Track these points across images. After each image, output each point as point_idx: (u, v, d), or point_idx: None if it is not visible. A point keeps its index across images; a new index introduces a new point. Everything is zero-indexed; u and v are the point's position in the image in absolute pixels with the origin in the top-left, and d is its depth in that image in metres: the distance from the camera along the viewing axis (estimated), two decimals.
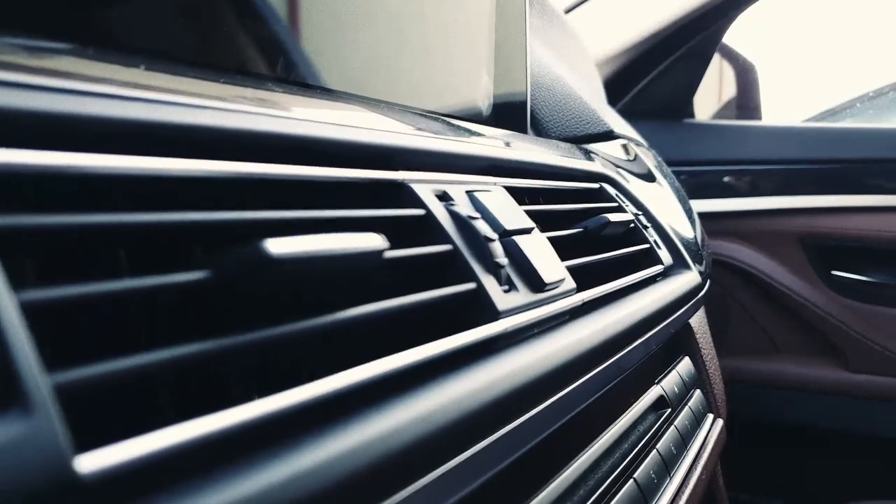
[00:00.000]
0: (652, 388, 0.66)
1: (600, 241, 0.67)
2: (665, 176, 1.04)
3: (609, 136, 0.93)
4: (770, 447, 1.80)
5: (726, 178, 1.78)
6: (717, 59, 2.03)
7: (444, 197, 0.47)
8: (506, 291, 0.44)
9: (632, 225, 0.72)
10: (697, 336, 0.83)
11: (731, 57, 2.02)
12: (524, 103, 0.82)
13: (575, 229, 0.61)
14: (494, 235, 0.45)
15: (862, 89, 1.98)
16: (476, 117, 0.77)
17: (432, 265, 0.42)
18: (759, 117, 2.06)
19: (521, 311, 0.45)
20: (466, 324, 0.41)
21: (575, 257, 0.59)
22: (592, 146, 0.89)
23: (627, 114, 1.80)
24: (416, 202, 0.44)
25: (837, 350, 1.71)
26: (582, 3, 1.73)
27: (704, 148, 1.80)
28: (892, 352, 1.66)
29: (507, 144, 0.64)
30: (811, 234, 1.72)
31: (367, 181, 0.42)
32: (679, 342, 0.79)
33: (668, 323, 0.68)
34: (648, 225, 0.76)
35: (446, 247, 0.43)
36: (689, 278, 0.77)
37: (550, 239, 0.55)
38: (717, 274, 1.78)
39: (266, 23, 0.53)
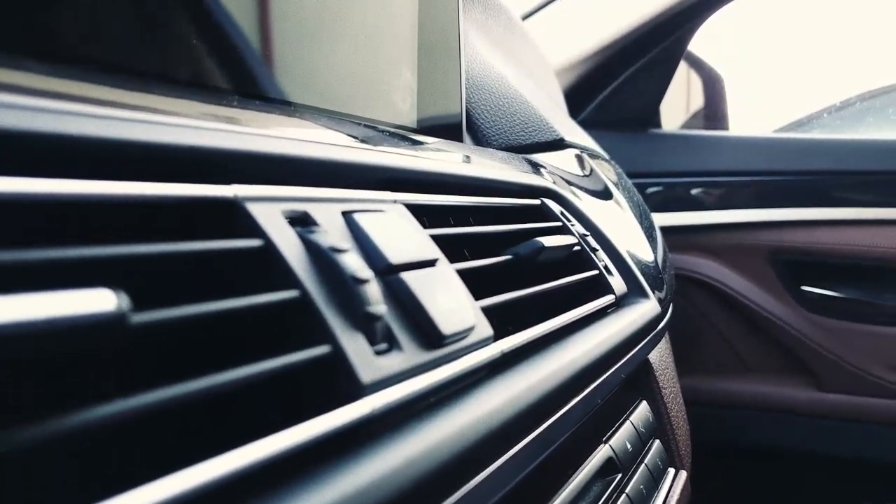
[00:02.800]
0: (599, 448, 0.54)
1: (538, 270, 0.54)
2: (624, 190, 0.91)
3: (559, 144, 0.80)
4: (739, 471, 1.68)
5: (694, 191, 1.67)
6: (684, 68, 1.93)
7: (301, 220, 0.33)
8: (381, 353, 0.31)
9: (577, 248, 0.59)
10: (657, 373, 0.71)
11: (698, 66, 1.92)
12: (458, 107, 0.69)
13: (500, 257, 0.48)
14: (368, 274, 0.32)
15: (829, 101, 1.89)
16: (402, 124, 0.64)
17: (268, 322, 0.29)
18: (725, 128, 1.96)
19: (403, 379, 0.32)
20: (316, 406, 0.28)
21: (502, 292, 0.46)
22: (539, 156, 0.76)
23: (590, 125, 1.68)
24: (251, 229, 0.31)
25: (808, 369, 1.60)
26: (540, 9, 1.61)
27: (671, 159, 1.69)
28: (864, 370, 1.55)
29: (421, 152, 0.51)
30: (780, 248, 1.61)
31: (173, 200, 0.28)
32: (635, 383, 0.67)
33: (620, 366, 0.55)
34: (598, 247, 0.64)
35: (288, 294, 0.29)
36: (647, 308, 0.65)
37: (465, 272, 0.42)
38: (684, 290, 1.66)
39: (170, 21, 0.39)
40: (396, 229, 0.38)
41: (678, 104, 1.92)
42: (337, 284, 0.31)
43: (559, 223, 0.62)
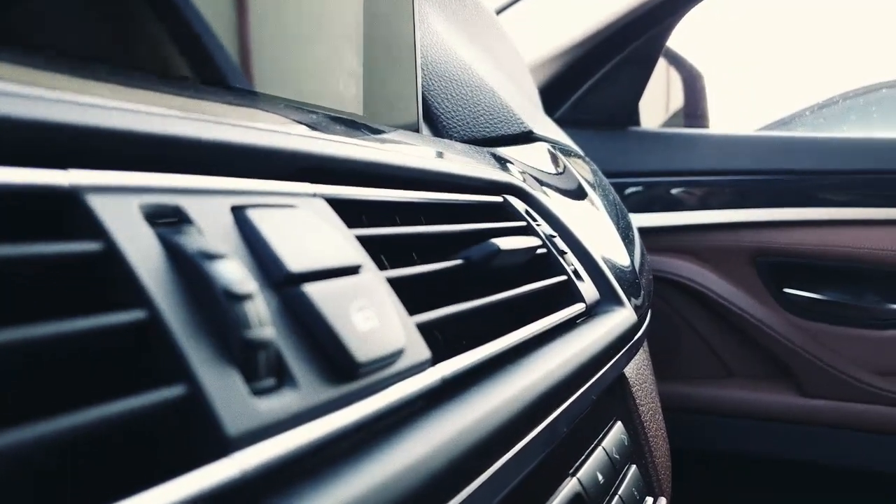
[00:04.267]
0: (565, 483, 0.46)
1: (499, 277, 0.47)
2: (600, 189, 0.84)
3: (528, 138, 0.73)
4: (721, 479, 1.61)
5: (674, 190, 1.60)
6: (663, 65, 1.86)
7: (167, 217, 0.26)
8: (263, 392, 0.24)
9: (541, 251, 0.52)
10: (634, 388, 0.64)
11: (678, 63, 1.85)
12: (412, 94, 0.62)
13: (445, 262, 0.40)
14: (249, 288, 0.24)
15: (812, 99, 1.83)
16: (347, 111, 0.56)
17: (111, 353, 0.21)
18: (706, 127, 1.90)
19: (292, 425, 0.24)
20: (167, 467, 0.20)
21: (450, 304, 0.38)
22: (505, 150, 0.68)
23: (566, 123, 1.61)
24: (90, 228, 0.23)
25: (791, 374, 1.54)
26: (514, 2, 1.54)
27: (651, 158, 1.62)
28: (849, 375, 1.49)
29: (358, 139, 0.44)
30: (763, 249, 1.55)
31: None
32: (608, 401, 0.59)
33: (590, 386, 0.47)
34: (567, 250, 0.56)
35: (132, 315, 0.22)
36: (622, 317, 0.57)
37: (399, 282, 0.34)
38: (664, 293, 1.59)
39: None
40: (308, 230, 0.30)
41: (658, 102, 1.86)
42: (203, 302, 0.23)
43: (523, 223, 0.54)
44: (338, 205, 0.35)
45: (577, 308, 0.53)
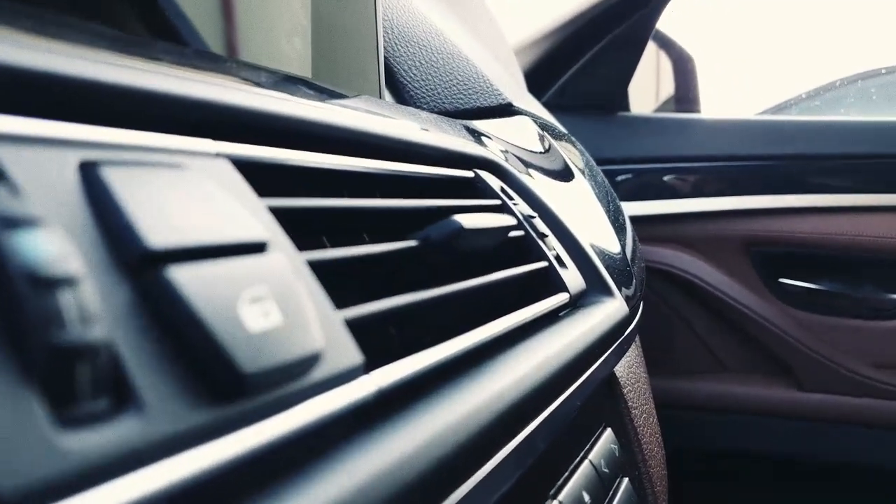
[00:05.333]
0: None
1: (471, 262, 0.39)
2: (588, 169, 0.77)
3: (506, 110, 0.65)
4: (716, 478, 1.55)
5: (665, 178, 1.53)
6: (653, 48, 1.79)
7: None
8: (83, 421, 0.16)
9: (517, 233, 0.44)
10: (626, 389, 0.56)
11: (668, 46, 1.78)
12: (372, 57, 0.54)
13: (394, 244, 0.32)
14: (70, 269, 0.16)
15: (808, 86, 1.76)
16: (293, 73, 0.48)
17: None
18: (697, 111, 1.83)
19: (134, 467, 0.16)
20: None
21: (405, 292, 0.31)
22: (480, 123, 0.61)
23: (553, 108, 1.54)
24: None
25: (788, 368, 1.47)
26: None
27: (641, 144, 1.55)
28: (847, 368, 1.43)
29: (293, 96, 0.36)
30: (757, 238, 1.48)
31: None
32: (596, 405, 0.52)
33: (574, 392, 0.40)
34: (548, 233, 0.49)
35: None
36: (612, 309, 0.50)
37: (330, 265, 0.27)
38: (655, 284, 1.52)
39: None
40: (195, 198, 0.23)
41: (648, 86, 1.78)
42: None
43: (497, 201, 0.47)
44: (250, 169, 0.27)
45: (560, 299, 0.45)
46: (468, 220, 0.35)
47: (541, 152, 0.63)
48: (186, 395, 0.18)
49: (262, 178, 0.28)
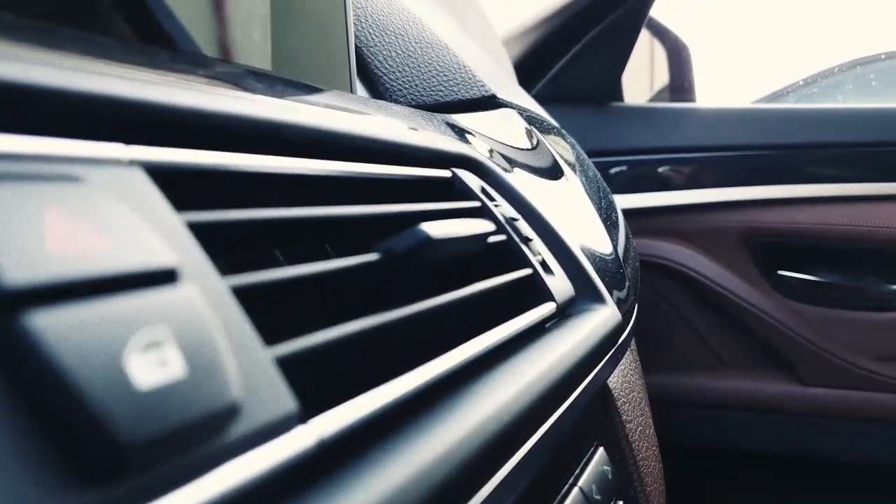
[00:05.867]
0: None
1: (449, 271, 0.35)
2: (578, 164, 0.72)
3: (490, 103, 0.61)
4: (714, 476, 1.51)
5: (660, 169, 1.49)
6: (647, 37, 1.74)
7: None
8: None
9: (499, 238, 0.40)
10: (620, 402, 0.52)
11: (662, 35, 1.73)
12: (342, 47, 0.50)
13: (354, 259, 0.28)
14: None
15: (805, 72, 1.72)
16: (253, 66, 0.44)
17: None
18: (692, 101, 1.78)
19: None
20: None
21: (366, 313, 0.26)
22: (461, 116, 0.57)
23: (544, 99, 1.49)
24: None
25: (788, 362, 1.43)
26: None
27: (635, 135, 1.50)
28: (849, 362, 1.39)
29: (242, 91, 0.32)
30: (755, 229, 1.44)
31: None
32: (588, 422, 0.48)
33: (563, 415, 0.36)
34: (533, 236, 0.44)
35: None
36: (604, 317, 0.46)
37: (269, 290, 0.23)
38: (651, 278, 1.48)
39: None
40: (92, 216, 0.19)
41: (641, 76, 1.74)
42: None
43: (476, 203, 0.42)
44: (173, 178, 0.23)
45: (546, 309, 0.41)
46: (437, 229, 0.31)
47: (527, 147, 0.59)
48: (45, 481, 0.14)
49: (193, 188, 0.24)
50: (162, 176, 0.23)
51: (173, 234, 0.21)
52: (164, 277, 0.19)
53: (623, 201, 1.48)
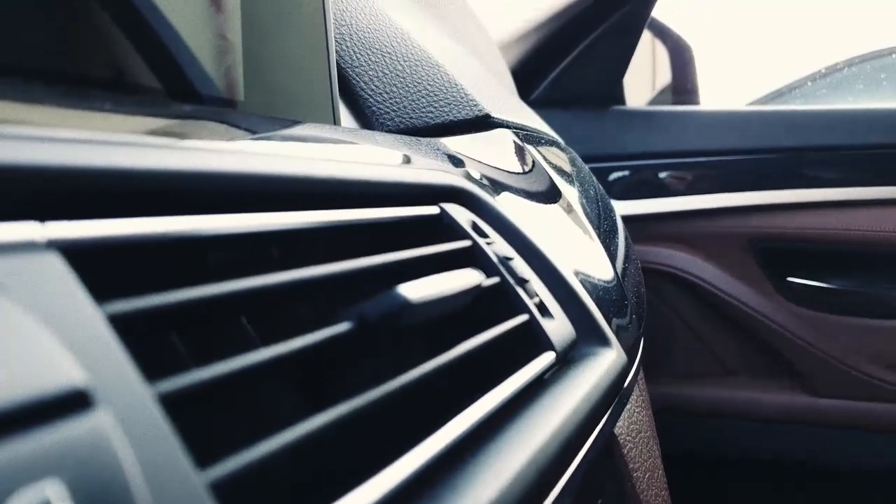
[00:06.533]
0: None
1: (439, 325, 0.32)
2: (578, 183, 0.69)
3: (483, 123, 0.57)
4: (720, 488, 1.47)
5: (663, 174, 1.45)
6: (648, 37, 1.70)
7: None
8: None
9: (490, 282, 0.37)
10: (627, 448, 0.48)
11: (664, 35, 1.69)
12: (323, 74, 0.46)
13: (323, 333, 0.24)
14: None
15: (811, 68, 1.67)
16: (222, 97, 0.40)
17: None
18: (696, 103, 1.74)
19: None
20: None
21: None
22: (454, 140, 0.53)
23: (544, 104, 1.46)
24: None
25: (796, 371, 1.39)
26: None
27: (637, 139, 1.46)
28: (859, 371, 1.35)
29: (197, 139, 0.28)
30: (762, 235, 1.40)
31: None
32: (592, 475, 0.44)
33: (563, 488, 0.32)
34: (529, 277, 0.41)
35: None
36: (608, 362, 0.42)
37: (201, 390, 0.19)
38: (655, 285, 1.45)
39: None
40: None
41: (643, 78, 1.70)
42: None
43: (466, 243, 0.39)
44: (94, 258, 0.20)
45: (545, 361, 0.37)
46: (417, 291, 0.27)
47: (522, 171, 0.55)
48: None
49: (123, 266, 0.21)
50: (82, 257, 0.19)
51: (90, 335, 0.17)
52: (72, 403, 0.15)
53: (626, 207, 1.44)
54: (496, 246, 0.40)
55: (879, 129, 1.31)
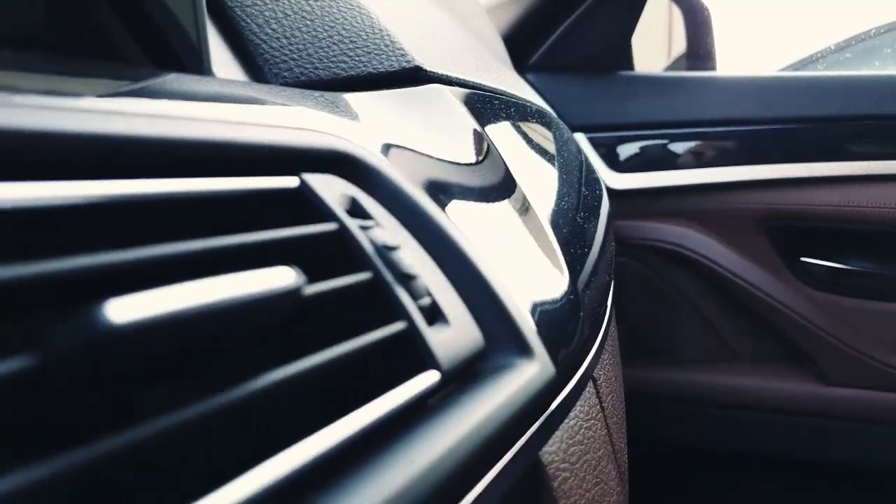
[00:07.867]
0: None
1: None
2: (551, 160, 0.58)
3: (413, 77, 0.47)
4: (726, 483, 1.38)
5: (671, 145, 1.33)
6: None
7: None
8: None
9: (363, 277, 0.27)
10: (562, 478, 0.38)
11: None
12: (191, 19, 0.36)
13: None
14: None
15: (837, 36, 1.53)
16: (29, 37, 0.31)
17: None
18: (712, 69, 1.61)
19: None
20: None
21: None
22: (363, 97, 0.43)
23: (543, 68, 1.34)
24: None
25: (809, 358, 1.29)
26: None
27: (644, 107, 1.35)
28: (876, 359, 1.24)
29: None
30: (776, 212, 1.28)
31: None
32: None
33: None
34: (418, 272, 0.31)
35: None
36: (525, 377, 0.33)
37: None
38: (659, 265, 1.34)
39: None
40: None
41: (654, 41, 1.57)
42: None
43: (330, 226, 0.29)
44: None
45: (424, 382, 0.28)
46: (138, 308, 0.18)
47: (452, 139, 0.45)
48: None
49: None
50: None
51: None
52: None
53: (629, 181, 1.33)
54: (376, 231, 0.31)
55: None
